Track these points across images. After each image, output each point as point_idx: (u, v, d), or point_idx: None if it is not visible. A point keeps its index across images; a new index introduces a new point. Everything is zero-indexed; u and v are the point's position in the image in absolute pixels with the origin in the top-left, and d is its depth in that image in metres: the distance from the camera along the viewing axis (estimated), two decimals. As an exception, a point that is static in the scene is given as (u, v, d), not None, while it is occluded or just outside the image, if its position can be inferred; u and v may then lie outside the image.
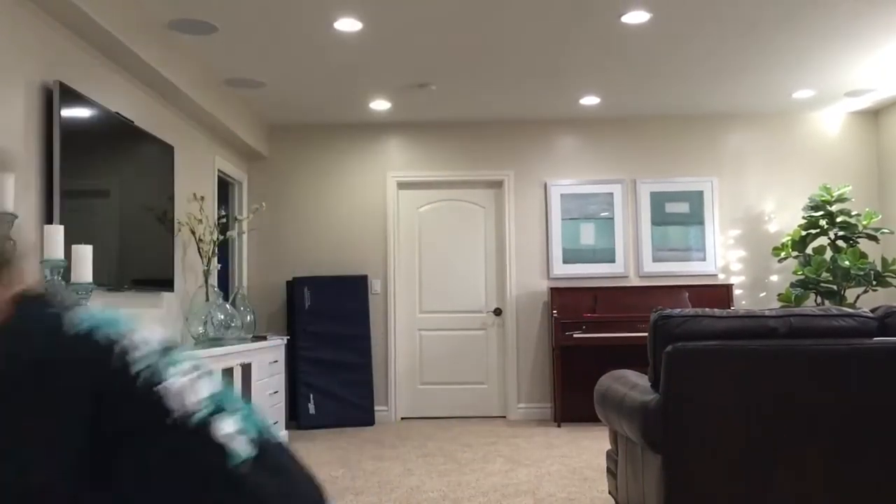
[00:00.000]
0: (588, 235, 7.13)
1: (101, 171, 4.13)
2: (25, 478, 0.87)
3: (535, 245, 7.16)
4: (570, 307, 6.80)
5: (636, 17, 4.66)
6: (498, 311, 7.21)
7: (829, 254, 6.71)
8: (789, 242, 6.59)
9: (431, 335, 7.16)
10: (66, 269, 3.25)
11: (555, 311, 6.72)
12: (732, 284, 6.95)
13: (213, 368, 4.30)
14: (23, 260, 1.11)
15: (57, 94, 3.64)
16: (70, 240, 3.40)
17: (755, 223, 7.13)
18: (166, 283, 4.99)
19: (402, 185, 7.24)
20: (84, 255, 3.25)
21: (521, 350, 7.11)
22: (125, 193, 4.41)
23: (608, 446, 5.48)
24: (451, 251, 7.26)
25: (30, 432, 0.91)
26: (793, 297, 6.45)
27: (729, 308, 6.75)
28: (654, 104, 6.75)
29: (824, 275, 6.37)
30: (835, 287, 6.34)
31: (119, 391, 0.97)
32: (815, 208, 6.50)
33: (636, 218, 7.14)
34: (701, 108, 6.93)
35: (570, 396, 6.73)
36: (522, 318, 7.12)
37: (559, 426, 6.58)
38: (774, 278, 7.08)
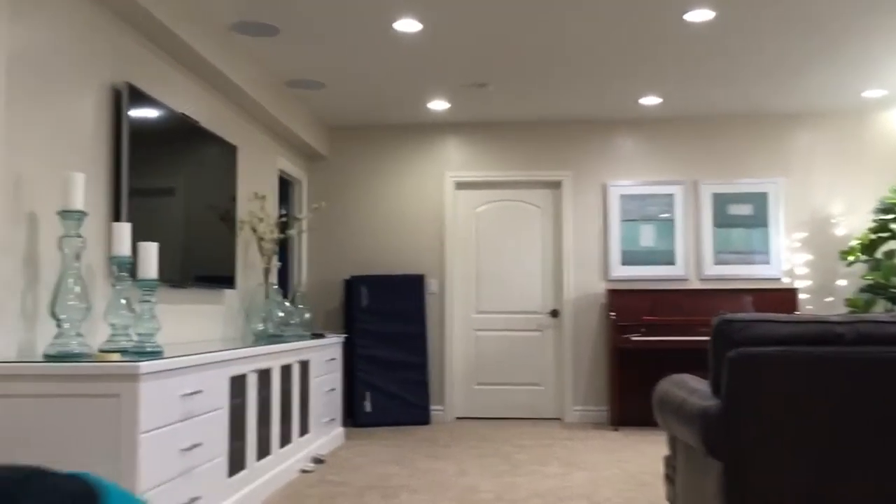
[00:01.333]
0: (647, 237, 7.03)
1: (167, 170, 4.23)
2: None
3: (593, 246, 7.09)
4: (629, 309, 6.71)
5: (700, 15, 4.58)
6: (555, 313, 7.17)
7: (900, 258, 6.49)
8: (858, 246, 6.40)
9: (487, 336, 7.15)
10: (132, 266, 3.34)
11: (612, 314, 6.64)
12: (798, 289, 6.77)
13: (273, 366, 4.37)
14: None
15: (126, 95, 3.74)
16: (136, 237, 3.49)
17: (822, 226, 6.94)
18: (228, 281, 5.09)
19: (460, 185, 7.25)
20: (150, 252, 3.33)
21: (577, 352, 7.05)
22: (190, 192, 4.51)
23: (666, 451, 5.40)
24: (508, 252, 7.24)
25: None
26: (861, 303, 6.25)
27: (794, 313, 6.58)
28: (717, 104, 6.62)
29: (894, 280, 6.16)
30: (906, 293, 6.13)
31: None
32: (885, 211, 6.29)
33: (697, 220, 7.01)
34: (766, 108, 6.77)
35: (627, 400, 6.64)
36: (579, 319, 7.06)
37: (616, 430, 6.50)
38: (842, 283, 6.88)
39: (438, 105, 6.58)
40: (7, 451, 2.75)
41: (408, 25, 4.72)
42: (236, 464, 3.81)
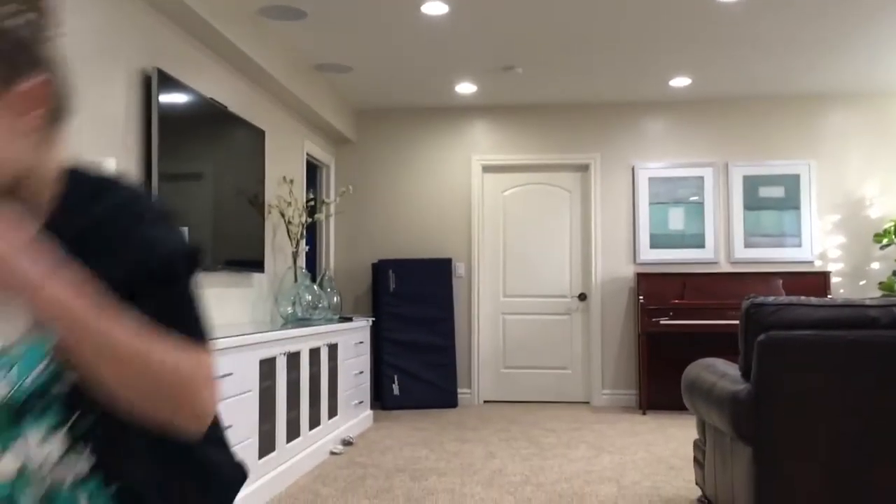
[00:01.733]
0: (677, 220, 6.97)
1: (197, 154, 4.26)
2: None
3: (622, 229, 7.04)
4: (657, 293, 6.66)
5: (731, -6, 4.50)
6: (583, 296, 7.14)
7: (935, 241, 6.38)
8: (892, 228, 6.29)
9: (515, 319, 7.14)
10: (163, 250, 3.37)
11: (641, 297, 6.60)
12: (830, 272, 6.68)
13: (302, 349, 4.40)
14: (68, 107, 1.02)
15: (155, 81, 3.77)
16: (167, 221, 3.52)
17: (856, 208, 6.82)
18: (257, 264, 5.13)
19: (487, 169, 7.22)
20: (180, 236, 3.36)
21: (605, 336, 7.03)
22: (219, 176, 4.54)
23: (695, 435, 5.36)
24: (536, 235, 7.21)
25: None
26: (895, 286, 6.15)
27: (826, 296, 6.49)
28: (748, 85, 6.52)
29: (930, 263, 6.06)
30: (942, 276, 6.03)
31: None
32: (921, 193, 6.17)
33: (727, 202, 6.93)
34: (798, 88, 6.65)
35: (656, 384, 6.61)
36: (608, 303, 7.03)
37: (644, 413, 6.48)
38: (875, 266, 6.77)
39: (466, 88, 6.55)
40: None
41: (435, 8, 4.69)
42: (266, 446, 3.85)
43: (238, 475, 1.05)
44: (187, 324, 0.93)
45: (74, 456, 0.90)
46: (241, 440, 3.50)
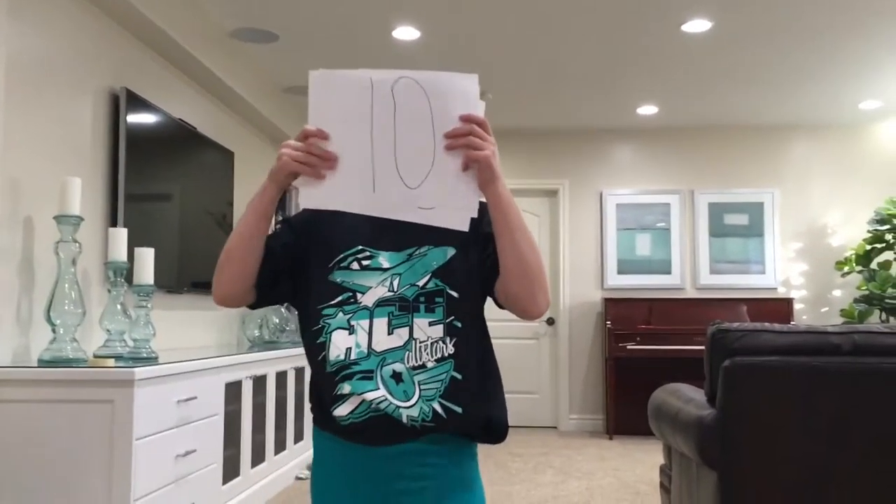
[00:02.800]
0: (644, 246, 7.04)
1: (164, 175, 4.23)
2: None
3: (590, 255, 7.10)
4: (625, 318, 6.71)
5: (697, 25, 4.60)
6: (550, 321, 7.16)
7: (895, 269, 6.51)
8: (853, 257, 6.41)
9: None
10: (128, 271, 3.33)
11: (609, 322, 6.64)
12: (793, 299, 6.78)
13: (268, 372, 4.35)
14: None
15: (123, 101, 3.74)
16: (133, 242, 3.48)
17: (818, 236, 6.95)
18: (224, 287, 5.06)
19: (457, 193, 7.24)
20: (146, 257, 3.33)
21: (573, 361, 7.05)
22: (186, 198, 4.50)
23: (661, 460, 5.38)
24: (505, 260, 7.23)
25: None
26: (856, 314, 6.26)
27: (789, 323, 6.59)
28: (714, 114, 6.64)
29: (890, 290, 6.17)
30: (901, 303, 6.14)
31: None
32: (881, 222, 6.30)
33: (693, 229, 7.03)
34: (762, 119, 6.79)
35: (623, 409, 6.64)
36: (575, 328, 7.06)
37: (611, 438, 6.50)
38: (837, 293, 6.89)
39: (436, 113, 6.58)
40: (1, 457, 2.74)
41: (407, 33, 4.73)
42: (231, 471, 3.80)
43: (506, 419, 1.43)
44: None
45: (443, 343, 1.30)
46: (206, 465, 3.44)
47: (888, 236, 6.28)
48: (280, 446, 4.61)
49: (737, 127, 7.04)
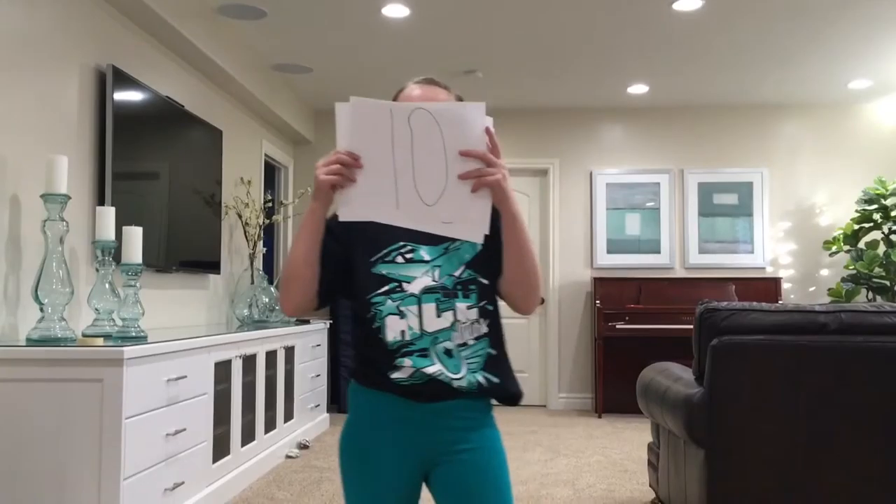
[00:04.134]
0: (633, 226, 7.06)
1: (152, 154, 4.20)
2: None
3: (579, 234, 7.11)
4: (614, 298, 6.74)
5: (688, 4, 4.58)
6: (540, 301, 7.18)
7: (882, 248, 6.55)
8: (841, 236, 6.45)
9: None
10: (116, 250, 3.32)
11: (598, 302, 6.67)
12: (781, 278, 6.82)
13: (258, 351, 4.36)
14: None
15: (110, 78, 3.70)
16: (121, 221, 3.46)
17: (806, 216, 6.98)
18: (213, 266, 5.06)
19: (447, 172, 7.22)
20: (134, 236, 3.31)
21: (562, 340, 7.08)
22: (174, 176, 4.48)
23: (650, 438, 5.43)
24: (495, 239, 7.23)
25: None
26: (843, 293, 6.31)
27: (777, 302, 6.63)
28: (704, 93, 6.63)
29: (877, 270, 6.22)
30: (887, 283, 6.19)
31: None
32: (868, 201, 6.34)
33: (683, 209, 7.04)
34: (752, 98, 6.79)
35: (612, 387, 6.68)
36: (565, 307, 7.09)
37: (600, 417, 6.54)
38: (825, 273, 6.93)
39: (426, 91, 6.55)
40: (-11, 436, 2.74)
41: (396, 10, 4.69)
42: (221, 449, 3.81)
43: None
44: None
45: (479, 324, 1.53)
46: (196, 443, 3.45)
47: (876, 216, 6.31)
48: (270, 425, 4.62)
49: (727, 106, 7.04)
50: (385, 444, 1.54)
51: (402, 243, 1.54)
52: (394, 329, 1.50)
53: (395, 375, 1.49)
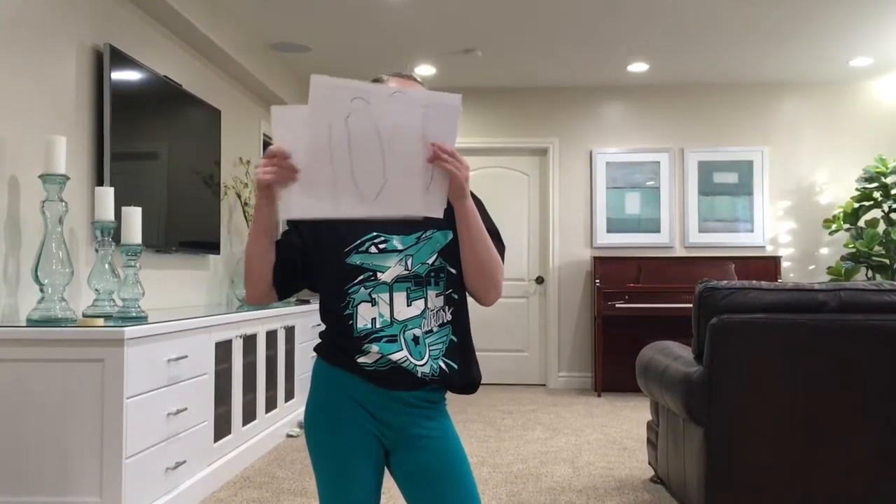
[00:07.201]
0: (633, 205, 7.05)
1: (150, 133, 4.18)
2: None
3: (579, 214, 7.10)
4: (614, 277, 6.74)
5: (689, -19, 4.54)
6: (540, 280, 7.19)
7: (882, 227, 6.55)
8: (841, 215, 6.44)
9: (472, 302, 7.15)
10: (115, 231, 3.31)
11: (598, 281, 6.67)
12: (781, 257, 6.82)
13: (258, 331, 4.36)
14: None
15: (107, 57, 3.68)
16: (120, 202, 3.46)
17: (806, 194, 6.97)
18: (213, 246, 5.06)
19: (446, 152, 7.20)
20: (133, 216, 3.31)
21: (562, 319, 7.10)
22: (173, 156, 4.46)
23: (649, 417, 5.46)
24: (495, 218, 7.21)
25: None
26: (843, 271, 6.31)
27: (777, 281, 6.63)
28: (704, 72, 6.60)
29: (876, 248, 6.22)
30: (887, 261, 6.19)
31: None
32: (869, 180, 6.32)
33: (683, 188, 7.03)
34: (752, 76, 6.76)
35: (612, 366, 6.70)
36: (565, 286, 7.09)
37: (599, 396, 6.57)
38: (824, 251, 6.93)
39: (425, 70, 6.52)
40: (-9, 416, 2.75)
41: (394, -12, 4.65)
42: (222, 429, 3.82)
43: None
44: (495, 231, 1.66)
45: (444, 311, 1.60)
46: (197, 423, 3.46)
47: (876, 194, 6.30)
48: (271, 404, 4.64)
49: (727, 85, 7.01)
50: (348, 419, 1.60)
51: (374, 233, 1.58)
52: (364, 317, 1.55)
53: (361, 360, 1.55)
